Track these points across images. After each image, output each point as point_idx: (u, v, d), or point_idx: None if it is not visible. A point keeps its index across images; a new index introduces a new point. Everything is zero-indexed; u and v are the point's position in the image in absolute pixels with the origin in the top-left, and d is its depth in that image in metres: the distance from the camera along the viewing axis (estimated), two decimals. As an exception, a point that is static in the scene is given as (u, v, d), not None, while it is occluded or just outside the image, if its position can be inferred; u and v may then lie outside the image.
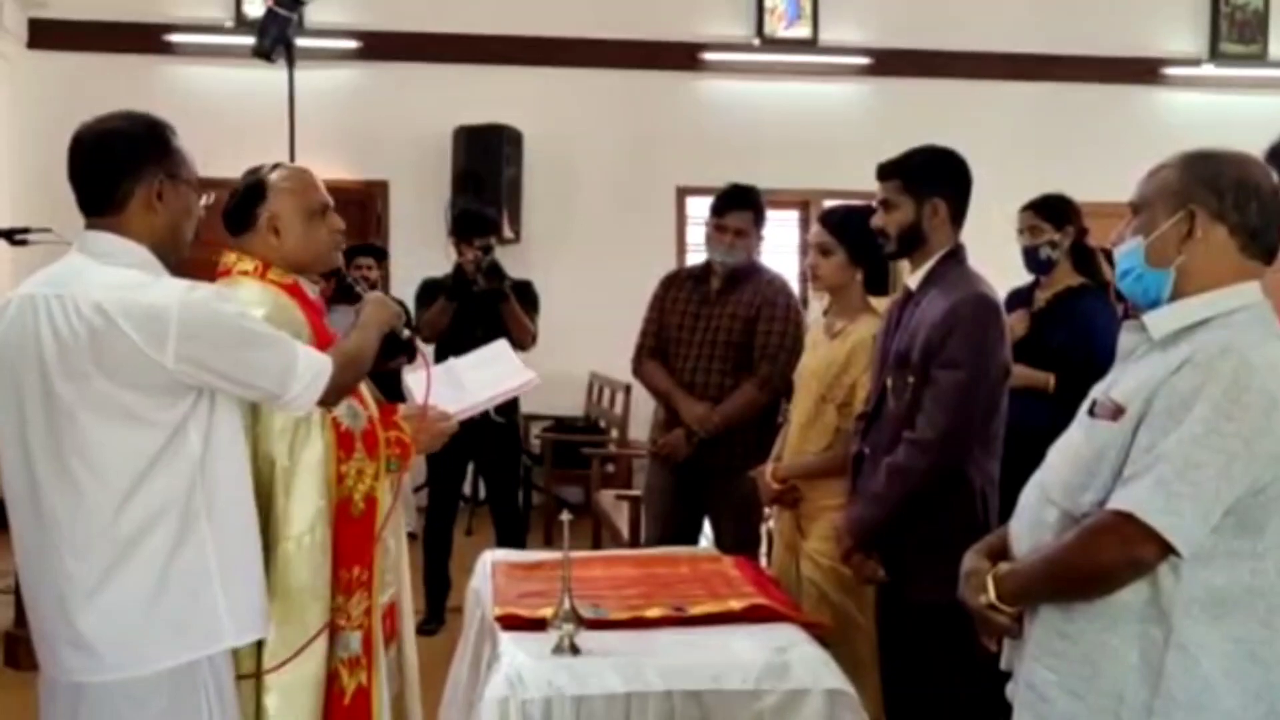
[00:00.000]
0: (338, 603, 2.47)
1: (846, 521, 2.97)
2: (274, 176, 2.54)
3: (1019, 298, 4.13)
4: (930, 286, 2.88)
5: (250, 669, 2.34)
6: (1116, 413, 1.84)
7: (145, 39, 7.47)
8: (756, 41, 7.99)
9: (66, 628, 2.03)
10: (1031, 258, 3.98)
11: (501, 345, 3.23)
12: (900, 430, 2.82)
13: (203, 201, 2.23)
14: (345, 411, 2.51)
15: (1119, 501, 1.78)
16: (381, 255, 6.41)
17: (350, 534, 2.50)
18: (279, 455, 2.40)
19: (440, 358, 2.87)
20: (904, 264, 3.11)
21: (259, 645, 2.32)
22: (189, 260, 2.22)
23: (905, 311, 2.93)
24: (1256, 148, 2.15)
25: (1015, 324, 3.93)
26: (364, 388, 2.60)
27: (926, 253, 2.91)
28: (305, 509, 2.41)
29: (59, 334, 2.00)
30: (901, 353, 2.86)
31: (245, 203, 2.53)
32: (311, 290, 2.59)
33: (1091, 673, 1.85)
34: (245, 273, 2.51)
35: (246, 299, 2.41)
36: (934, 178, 2.91)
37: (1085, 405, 1.96)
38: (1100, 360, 2.00)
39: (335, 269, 2.68)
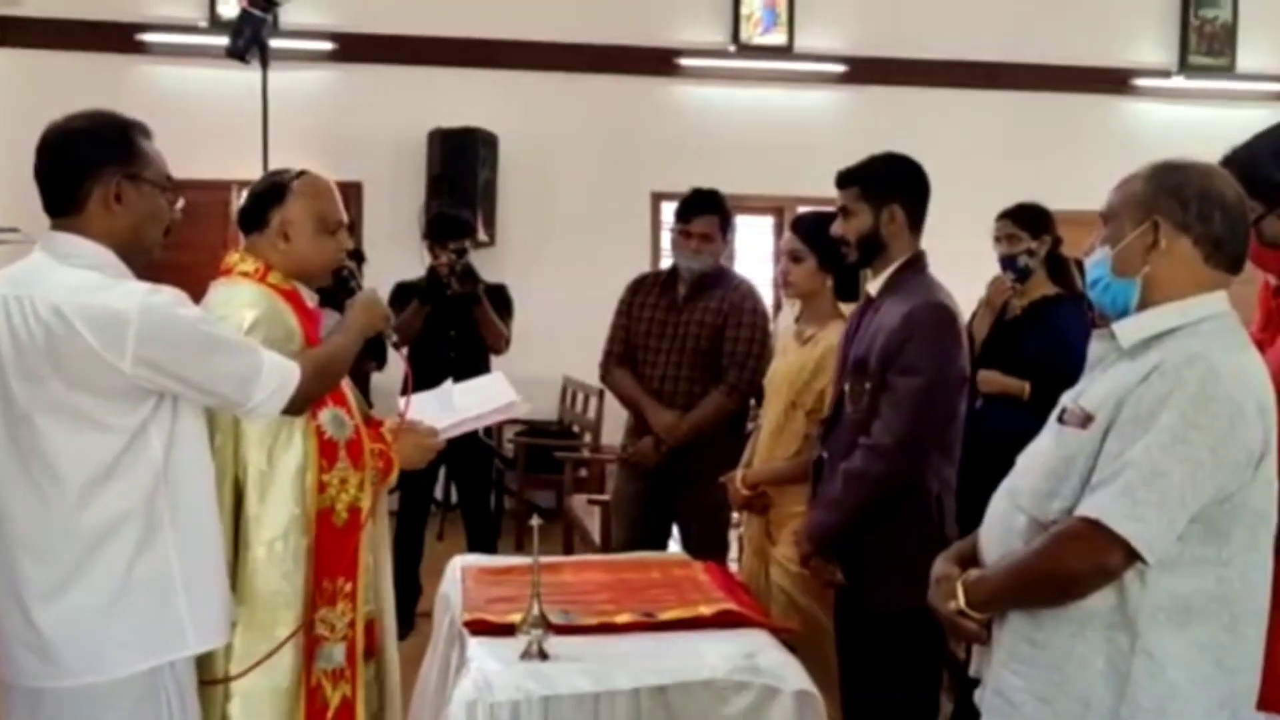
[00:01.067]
0: (320, 614, 2.44)
1: (805, 527, 2.99)
2: (296, 183, 2.53)
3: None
4: (889, 294, 2.90)
5: (216, 674, 2.32)
6: (1085, 420, 1.86)
7: (118, 38, 7.41)
8: (732, 48, 8.01)
9: (25, 631, 2.00)
10: (1009, 266, 4.01)
11: (499, 377, 3.21)
12: (858, 436, 2.84)
13: (178, 204, 2.20)
14: (330, 420, 2.49)
15: (1087, 509, 1.80)
16: (360, 258, 6.38)
17: (332, 544, 2.48)
18: (257, 460, 2.38)
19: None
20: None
21: (226, 650, 2.30)
22: (163, 264, 2.20)
23: (865, 318, 2.95)
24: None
25: (993, 292, 3.96)
26: (350, 397, 2.59)
27: (887, 260, 2.94)
28: (279, 515, 2.40)
29: (16, 335, 1.98)
30: (860, 359, 2.88)
31: (261, 203, 2.52)
32: (311, 299, 2.57)
33: (1059, 679, 1.86)
34: (245, 274, 2.49)
35: (242, 300, 2.39)
36: (890, 184, 2.93)
37: (1055, 413, 1.98)
38: (1075, 369, 2.02)
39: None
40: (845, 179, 2.98)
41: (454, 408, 2.93)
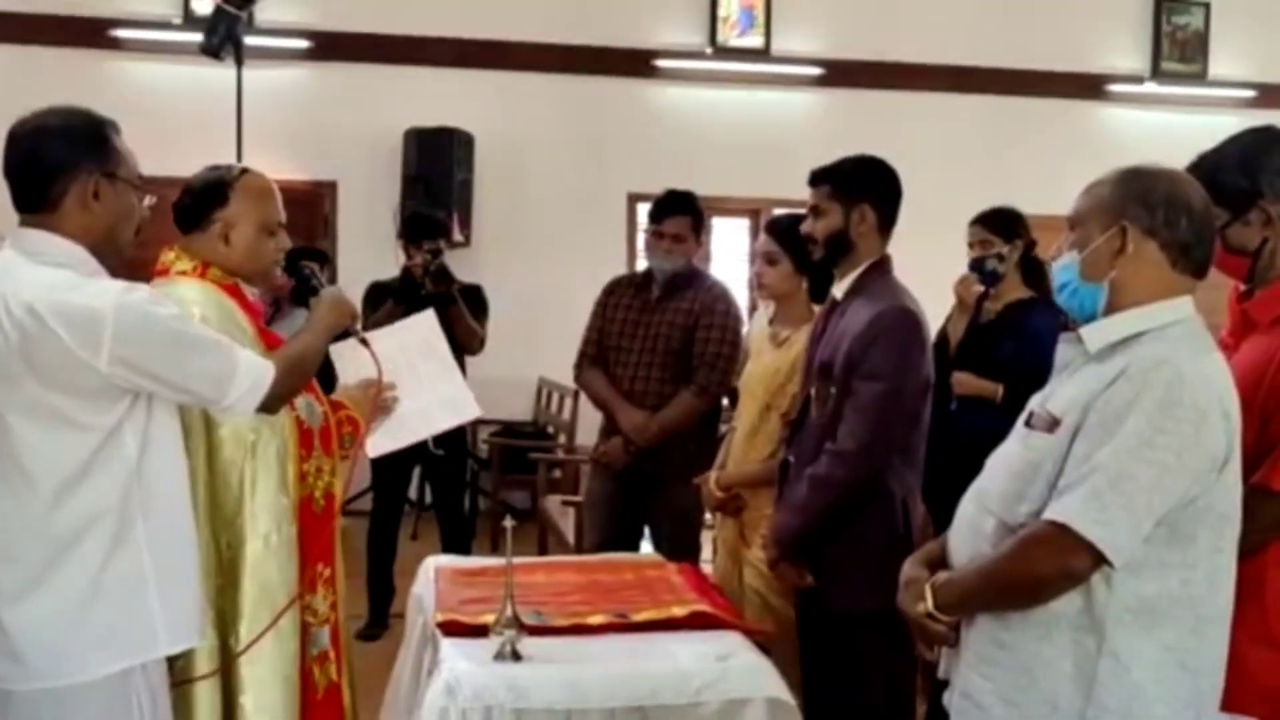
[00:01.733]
0: (305, 600, 2.47)
1: (771, 531, 3.00)
2: (238, 184, 2.50)
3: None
4: (855, 296, 2.91)
5: (210, 668, 2.33)
6: (1052, 424, 1.88)
7: (92, 34, 7.34)
8: (709, 50, 8.02)
9: (-7, 633, 1.99)
10: (977, 270, 4.03)
11: (426, 316, 3.16)
12: (823, 439, 2.85)
13: (146, 201, 2.19)
14: (303, 409, 2.51)
15: (1054, 512, 1.81)
16: (323, 259, 6.34)
17: (314, 531, 2.51)
18: (243, 455, 2.39)
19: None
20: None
21: (224, 645, 2.33)
22: (135, 261, 2.18)
23: (830, 320, 2.96)
24: (1193, 164, 2.21)
25: (961, 291, 3.98)
26: (316, 384, 2.59)
27: (854, 261, 2.94)
28: (270, 507, 2.42)
29: (-12, 334, 1.96)
30: (825, 362, 2.89)
31: (202, 203, 2.49)
32: (251, 293, 2.57)
33: (1027, 681, 1.87)
34: (184, 273, 2.48)
35: (186, 298, 2.38)
36: (863, 185, 2.94)
37: (1022, 416, 1.99)
38: (1048, 371, 2.04)
39: (298, 251, 2.65)
40: (817, 178, 2.98)
41: (404, 423, 2.90)
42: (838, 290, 2.97)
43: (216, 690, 2.36)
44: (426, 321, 3.13)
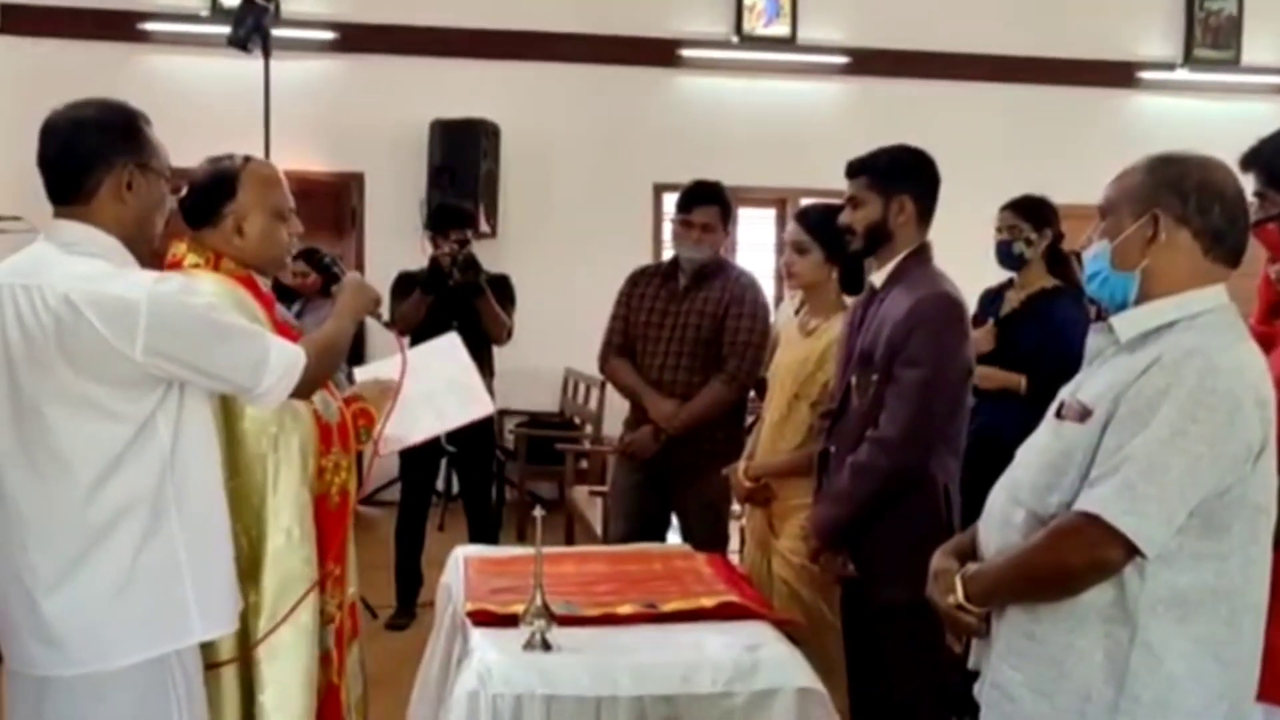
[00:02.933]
0: (323, 599, 2.47)
1: (812, 522, 2.98)
2: (244, 174, 2.48)
3: (990, 297, 4.15)
4: (894, 284, 2.89)
5: (231, 654, 2.33)
6: (1083, 414, 1.86)
7: (120, 26, 7.40)
8: (735, 39, 8.00)
9: (31, 620, 2.01)
10: (1004, 252, 4.00)
11: (454, 341, 3.16)
12: (864, 428, 2.83)
13: (176, 193, 2.20)
14: (320, 404, 2.50)
15: (1085, 503, 1.80)
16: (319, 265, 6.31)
17: (328, 528, 2.50)
18: (267, 448, 2.39)
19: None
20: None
21: (244, 633, 2.32)
22: (163, 252, 2.20)
23: (869, 309, 2.94)
24: (1229, 152, 2.17)
25: (980, 339, 3.95)
26: (330, 381, 2.59)
27: (892, 251, 2.92)
28: (292, 501, 2.41)
29: (25, 325, 1.98)
30: (865, 350, 2.88)
31: (210, 198, 2.47)
32: (264, 284, 2.56)
33: (1057, 673, 1.86)
34: (198, 265, 2.46)
35: (204, 290, 2.38)
36: (902, 175, 2.92)
37: (1053, 407, 1.98)
38: (1072, 362, 2.02)
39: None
40: (855, 168, 2.96)
41: (417, 419, 2.89)
42: (877, 279, 2.96)
43: (237, 679, 2.36)
44: (451, 342, 3.13)
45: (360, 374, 2.99)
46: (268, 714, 2.36)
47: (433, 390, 2.93)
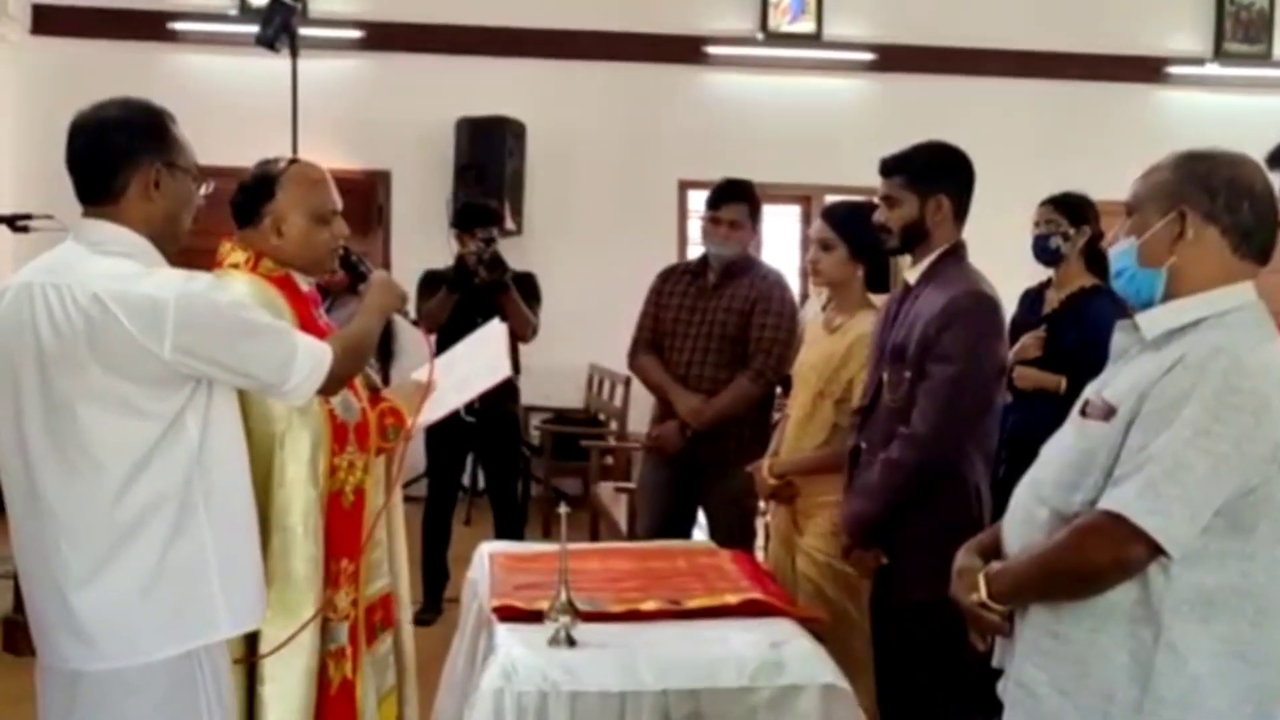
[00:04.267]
0: (326, 595, 2.48)
1: (843, 518, 2.97)
2: (285, 176, 2.53)
3: (1031, 297, 4.12)
4: (928, 282, 2.88)
5: (239, 655, 2.35)
6: (1108, 413, 1.85)
7: (149, 26, 7.46)
8: (760, 36, 7.98)
9: (63, 615, 2.03)
10: (1041, 246, 3.97)
11: (497, 328, 3.18)
12: (896, 425, 2.82)
13: (202, 190, 2.22)
14: (339, 403, 2.52)
15: (1109, 502, 1.79)
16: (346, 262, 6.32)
17: (341, 526, 2.52)
18: (274, 446, 2.41)
19: (441, 350, 2.87)
20: (905, 261, 3.11)
21: (253, 633, 2.33)
22: (191, 250, 2.21)
23: (903, 306, 2.93)
24: (1260, 148, 2.15)
25: (1030, 345, 3.92)
26: (357, 380, 2.61)
27: (928, 248, 2.91)
28: (298, 498, 2.43)
29: (56, 324, 2.00)
30: (898, 347, 2.87)
31: (251, 198, 2.52)
32: (305, 283, 2.59)
33: (1081, 672, 1.85)
34: (236, 265, 2.51)
35: (236, 291, 2.41)
36: (938, 174, 2.90)
37: (1077, 405, 1.97)
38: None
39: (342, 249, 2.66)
40: (890, 167, 2.94)
41: (441, 394, 2.92)
42: (911, 275, 2.94)
43: (242, 674, 2.38)
44: (491, 331, 3.15)
45: (459, 354, 3.04)
46: (267, 705, 2.38)
47: (465, 375, 2.96)
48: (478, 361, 3.03)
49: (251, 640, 2.36)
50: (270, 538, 2.38)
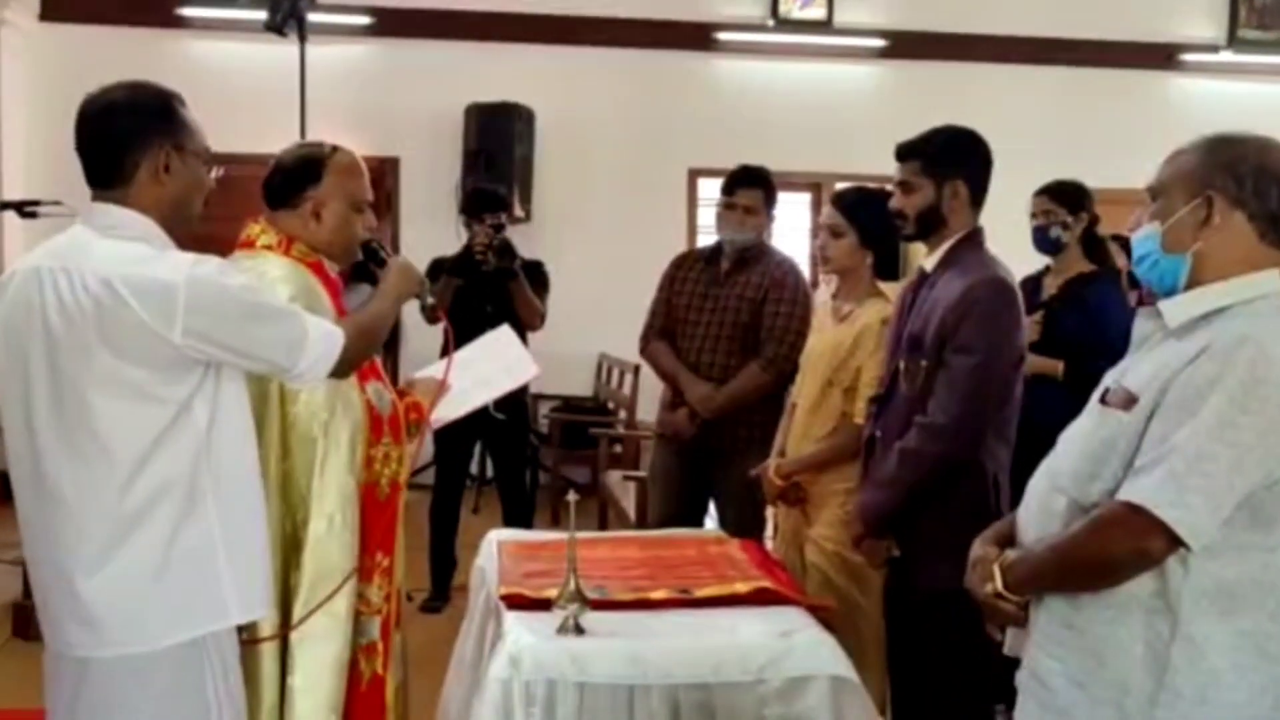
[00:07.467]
0: (360, 588, 2.47)
1: (858, 508, 2.95)
2: (332, 161, 2.53)
3: (1029, 285, 4.11)
4: (946, 269, 2.84)
5: (272, 630, 2.35)
6: (1129, 402, 1.82)
7: (158, 12, 7.45)
8: (771, 22, 7.94)
9: (70, 602, 2.02)
10: (1041, 236, 3.98)
11: (506, 333, 3.21)
12: (912, 414, 2.80)
13: (213, 174, 2.21)
14: (373, 394, 2.51)
15: (1129, 493, 1.76)
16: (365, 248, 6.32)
17: (376, 519, 2.51)
18: (317, 433, 2.40)
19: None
20: (915, 248, 3.09)
21: (285, 614, 2.34)
22: (201, 235, 2.20)
23: (920, 293, 2.90)
24: (1274, 135, 2.12)
25: (1028, 329, 3.90)
26: (384, 372, 2.61)
27: (944, 235, 2.87)
28: (338, 487, 2.42)
29: (65, 308, 1.99)
30: (915, 335, 2.83)
31: (294, 181, 2.52)
32: (332, 269, 2.59)
33: (1097, 664, 1.83)
34: (269, 247, 2.50)
35: (271, 274, 2.40)
36: (955, 159, 2.86)
37: (1097, 393, 1.94)
38: (1110, 347, 1.98)
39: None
40: (906, 152, 2.90)
41: (465, 389, 2.92)
42: (928, 263, 2.91)
43: (275, 660, 2.38)
44: (500, 336, 3.15)
45: (420, 375, 3.02)
46: (296, 695, 2.37)
47: (483, 376, 2.96)
48: (496, 362, 3.04)
49: (285, 621, 2.37)
50: (309, 525, 2.38)
